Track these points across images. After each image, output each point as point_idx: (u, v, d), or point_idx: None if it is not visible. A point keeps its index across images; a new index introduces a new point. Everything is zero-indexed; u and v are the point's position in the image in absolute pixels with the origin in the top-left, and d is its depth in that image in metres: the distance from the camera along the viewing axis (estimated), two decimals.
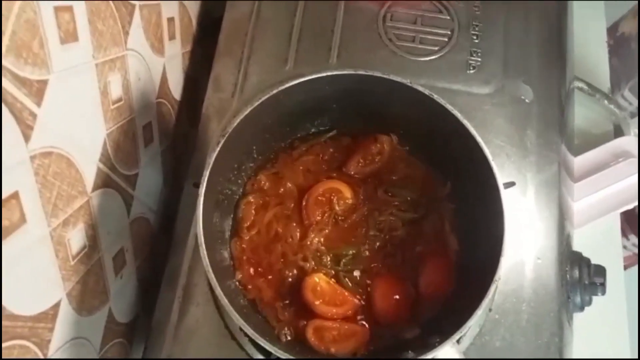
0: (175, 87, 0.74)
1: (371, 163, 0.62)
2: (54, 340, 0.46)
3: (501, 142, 0.71)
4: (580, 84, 0.88)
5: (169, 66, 0.70)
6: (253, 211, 0.60)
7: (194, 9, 0.79)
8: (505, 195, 0.52)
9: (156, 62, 0.66)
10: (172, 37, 0.70)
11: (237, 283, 0.58)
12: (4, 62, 0.35)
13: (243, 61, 0.76)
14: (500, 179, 0.52)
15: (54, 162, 0.43)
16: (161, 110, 0.69)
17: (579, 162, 0.82)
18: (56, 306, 0.46)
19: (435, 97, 0.54)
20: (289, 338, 0.56)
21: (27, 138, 0.39)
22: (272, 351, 0.47)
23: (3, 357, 0.39)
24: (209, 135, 0.72)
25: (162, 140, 0.70)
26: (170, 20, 0.69)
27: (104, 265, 0.56)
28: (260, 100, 0.53)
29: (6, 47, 0.35)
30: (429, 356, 0.46)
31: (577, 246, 0.72)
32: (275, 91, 0.53)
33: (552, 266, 0.67)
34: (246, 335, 0.60)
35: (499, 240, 0.50)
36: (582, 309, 0.68)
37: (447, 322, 0.54)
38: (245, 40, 0.77)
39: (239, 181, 0.62)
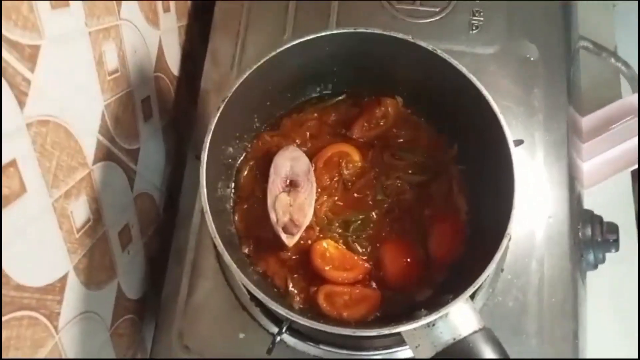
0: (173, 62, 0.73)
1: (376, 127, 0.61)
2: (64, 313, 0.46)
3: (508, 102, 0.70)
4: (586, 43, 0.86)
5: (165, 40, 0.69)
6: (253, 178, 0.59)
7: None
8: (515, 151, 0.51)
9: (152, 35, 0.64)
10: (166, 9, 0.69)
11: (245, 257, 0.58)
12: None
13: (240, 33, 0.75)
14: (509, 132, 0.50)
15: (52, 131, 0.42)
16: (160, 85, 0.68)
17: (587, 121, 0.81)
18: (63, 279, 0.46)
19: (439, 52, 0.53)
20: (300, 306, 0.55)
21: (22, 104, 0.38)
22: (287, 316, 0.46)
23: (13, 327, 0.38)
24: (209, 109, 0.71)
25: (162, 116, 0.69)
26: None
27: (110, 240, 0.55)
28: (258, 63, 0.52)
29: None
30: (443, 312, 0.45)
31: (588, 205, 0.71)
32: (273, 53, 0.52)
33: (564, 224, 0.66)
34: (257, 305, 0.60)
35: (509, 195, 0.49)
36: (595, 266, 0.67)
37: (459, 282, 0.53)
38: (242, 12, 0.76)
39: (241, 151, 0.61)
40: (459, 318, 0.46)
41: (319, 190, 0.58)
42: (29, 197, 0.40)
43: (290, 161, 0.58)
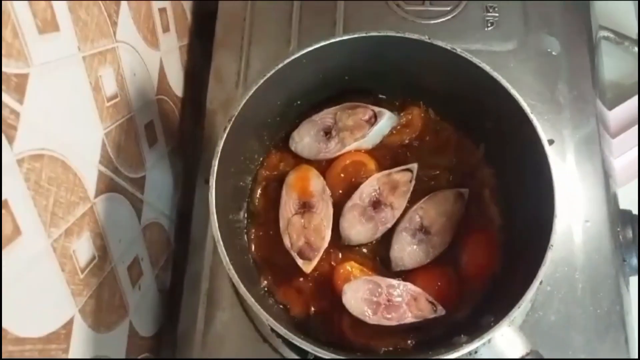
0: (176, 83, 0.70)
1: (399, 133, 0.57)
2: None
3: (531, 100, 0.65)
4: (607, 33, 0.82)
5: (167, 60, 0.66)
6: (267, 201, 0.55)
7: None
8: (550, 152, 0.47)
9: (152, 56, 0.61)
10: (166, 29, 0.66)
11: (265, 289, 0.54)
12: None
13: (244, 48, 0.72)
14: (542, 131, 0.46)
15: (47, 166, 0.39)
16: (163, 108, 0.65)
17: (614, 115, 0.76)
18: (68, 324, 0.42)
19: (459, 50, 0.49)
20: (325, 336, 0.51)
21: (10, 139, 0.35)
22: (309, 350, 0.42)
23: None
24: (216, 130, 0.68)
25: (167, 141, 0.66)
26: (162, 10, 0.65)
27: (118, 276, 0.52)
28: (265, 77, 0.48)
29: None
30: (485, 338, 0.41)
31: (624, 204, 0.66)
32: (280, 65, 0.48)
33: (603, 228, 0.61)
34: (279, 336, 0.56)
35: (548, 201, 0.45)
36: (638, 271, 0.63)
37: (498, 299, 0.48)
38: (244, 26, 0.73)
39: (252, 172, 0.57)
40: (504, 343, 0.41)
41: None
42: (25, 239, 0.36)
43: (302, 181, 0.54)
